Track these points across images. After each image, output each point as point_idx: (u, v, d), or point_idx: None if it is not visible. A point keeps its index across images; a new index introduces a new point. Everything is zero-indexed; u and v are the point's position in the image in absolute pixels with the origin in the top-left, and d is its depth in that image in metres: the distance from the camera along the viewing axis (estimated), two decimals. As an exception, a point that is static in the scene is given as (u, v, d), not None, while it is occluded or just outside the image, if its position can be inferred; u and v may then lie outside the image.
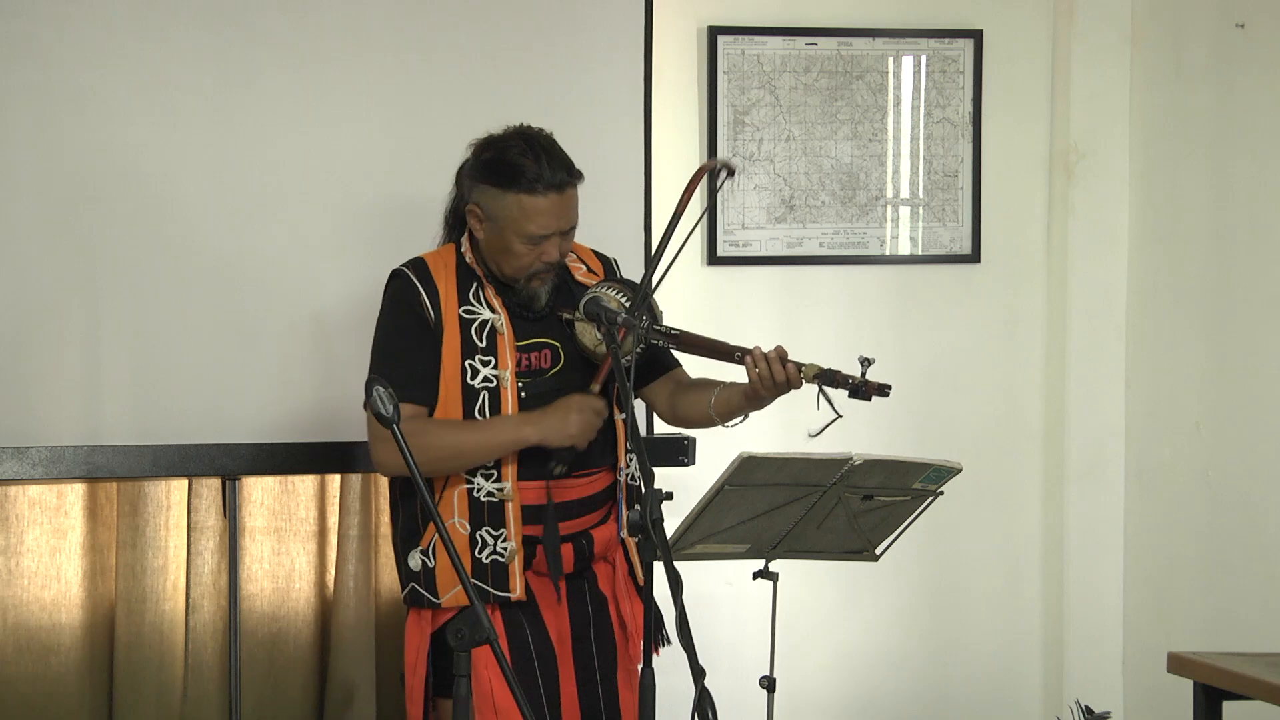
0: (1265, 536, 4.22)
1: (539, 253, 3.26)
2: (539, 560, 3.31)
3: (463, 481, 3.26)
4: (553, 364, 3.35)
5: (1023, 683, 4.80)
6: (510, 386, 3.28)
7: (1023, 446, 4.79)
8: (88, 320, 3.86)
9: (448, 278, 3.31)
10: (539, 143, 3.27)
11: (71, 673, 4.12)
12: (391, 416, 2.71)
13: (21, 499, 4.10)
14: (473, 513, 3.27)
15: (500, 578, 3.27)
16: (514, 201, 3.22)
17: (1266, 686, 3.30)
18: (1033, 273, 4.78)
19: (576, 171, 3.28)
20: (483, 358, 3.27)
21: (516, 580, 3.27)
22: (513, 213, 3.22)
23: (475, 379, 3.27)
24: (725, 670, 3.80)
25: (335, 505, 4.31)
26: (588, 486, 3.36)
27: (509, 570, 3.27)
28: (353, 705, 4.27)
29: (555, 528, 3.28)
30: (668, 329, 3.35)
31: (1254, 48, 4.28)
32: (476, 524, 3.27)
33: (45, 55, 3.83)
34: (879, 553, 3.48)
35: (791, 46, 4.55)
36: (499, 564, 3.26)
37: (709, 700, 2.86)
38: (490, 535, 3.27)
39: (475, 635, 2.61)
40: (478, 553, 3.26)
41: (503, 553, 3.27)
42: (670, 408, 3.53)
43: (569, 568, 3.34)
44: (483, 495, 3.27)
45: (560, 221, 3.25)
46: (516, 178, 3.21)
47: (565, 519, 3.33)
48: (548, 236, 3.25)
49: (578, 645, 3.35)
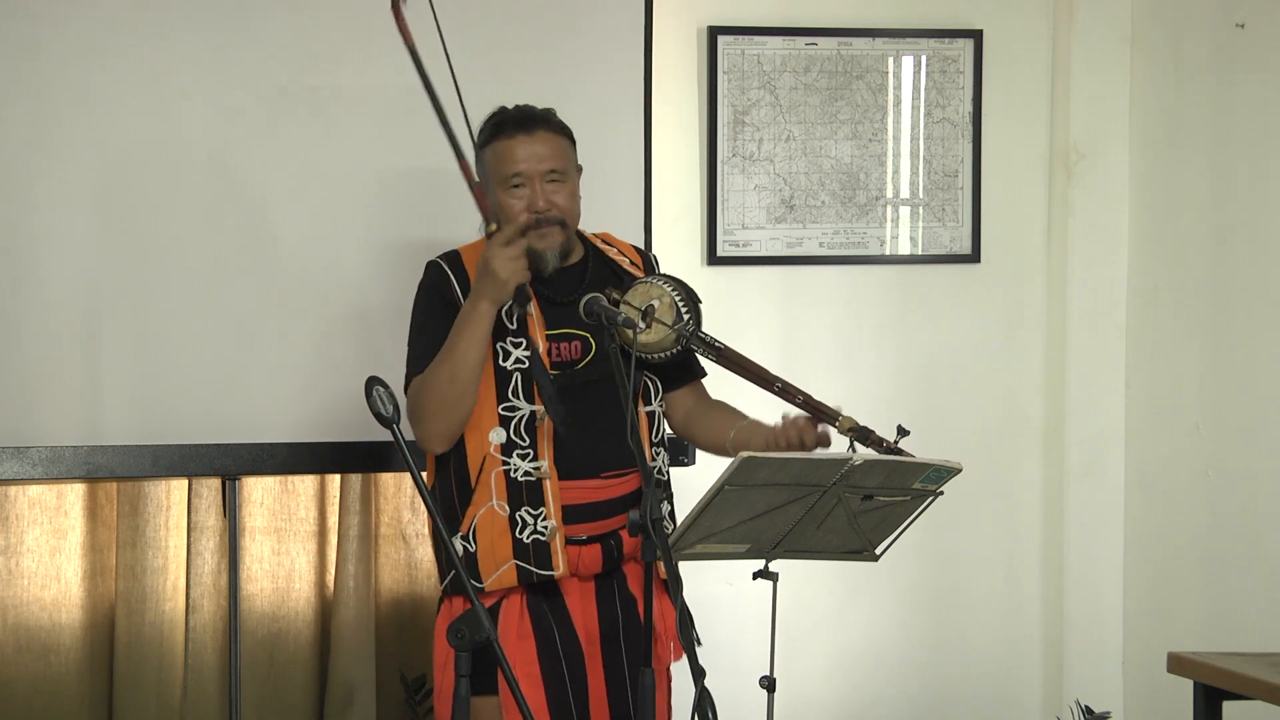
0: (1265, 536, 4.22)
1: (527, 201, 3.29)
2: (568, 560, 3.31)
3: (499, 464, 3.28)
4: (583, 355, 3.36)
5: (1023, 683, 4.79)
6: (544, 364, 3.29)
7: (1023, 446, 4.79)
8: (88, 320, 3.86)
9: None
10: (523, 105, 3.39)
11: (71, 673, 4.12)
12: (391, 416, 2.71)
13: (21, 499, 4.11)
14: (511, 494, 3.28)
15: (543, 556, 3.27)
16: (491, 153, 3.33)
17: (1266, 686, 3.30)
18: (1033, 273, 4.78)
19: (557, 122, 3.37)
20: (514, 339, 3.29)
21: (559, 558, 3.28)
22: (493, 163, 3.33)
23: (508, 361, 3.29)
24: (725, 670, 3.80)
25: (335, 505, 4.31)
26: (618, 488, 3.37)
27: (550, 548, 3.28)
28: (353, 705, 4.28)
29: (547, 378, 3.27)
30: (711, 339, 3.37)
31: (1254, 47, 4.28)
32: (515, 504, 3.28)
33: (45, 55, 3.83)
34: (879, 553, 3.48)
35: (791, 46, 4.55)
36: (540, 543, 3.27)
37: (709, 700, 2.86)
38: (530, 515, 3.28)
39: (475, 635, 2.61)
40: (518, 533, 3.27)
41: (544, 531, 3.28)
42: (685, 422, 3.54)
43: (597, 568, 3.35)
44: (520, 475, 3.28)
45: (535, 163, 3.30)
46: (493, 129, 3.35)
47: (592, 519, 3.34)
48: (526, 178, 3.29)
49: (607, 645, 3.36)
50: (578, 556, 3.33)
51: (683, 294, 3.37)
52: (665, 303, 3.35)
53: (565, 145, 3.37)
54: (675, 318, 3.33)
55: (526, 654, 3.26)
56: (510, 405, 3.29)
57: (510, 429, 3.29)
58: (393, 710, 4.36)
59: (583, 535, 3.34)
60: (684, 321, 3.33)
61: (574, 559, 3.32)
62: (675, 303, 3.34)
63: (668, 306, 3.35)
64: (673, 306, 3.33)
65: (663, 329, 3.35)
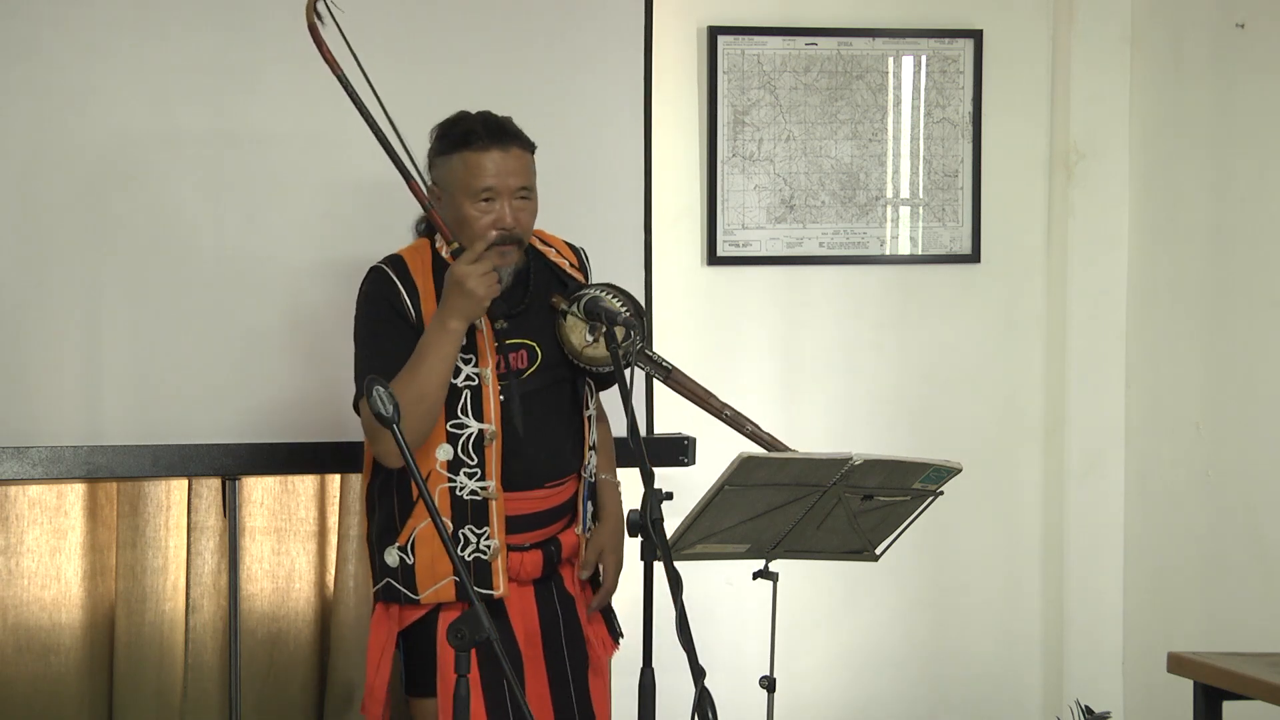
0: (1265, 536, 4.22)
1: (493, 217, 3.24)
2: (510, 566, 3.31)
3: (444, 480, 3.26)
4: (529, 364, 3.34)
5: (1023, 683, 4.80)
6: (492, 385, 3.27)
7: (1023, 446, 4.79)
8: (88, 320, 3.85)
9: (425, 275, 3.31)
10: (490, 114, 3.33)
11: (71, 673, 4.12)
12: (391, 416, 2.71)
13: (21, 499, 4.10)
14: (455, 511, 3.26)
15: (483, 575, 3.27)
16: (459, 160, 3.26)
17: (1266, 686, 3.30)
18: (1033, 273, 4.78)
19: (527, 140, 3.32)
20: (464, 356, 3.26)
21: (500, 579, 3.28)
22: (459, 172, 3.26)
23: (458, 378, 3.26)
24: (725, 670, 3.81)
25: (335, 505, 4.31)
26: (557, 496, 3.38)
27: (492, 568, 3.27)
28: (353, 705, 4.27)
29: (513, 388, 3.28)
30: (660, 359, 3.35)
31: (1254, 47, 4.28)
32: (459, 522, 3.26)
33: (45, 55, 3.83)
34: (879, 553, 3.48)
35: (791, 46, 4.55)
36: (481, 561, 3.27)
37: (709, 700, 2.86)
38: (473, 533, 3.27)
39: (475, 635, 2.61)
40: (460, 550, 3.26)
41: (485, 550, 3.27)
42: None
43: (537, 573, 3.36)
44: (465, 494, 3.27)
45: (508, 179, 3.25)
46: (461, 138, 3.28)
47: (535, 528, 3.35)
48: (496, 194, 3.24)
49: (548, 646, 3.36)
50: (520, 562, 3.33)
51: (632, 309, 3.30)
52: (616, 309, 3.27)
53: (531, 162, 3.33)
54: (625, 334, 3.23)
55: None
56: (459, 423, 3.27)
57: (458, 446, 3.26)
58: (393, 710, 4.35)
59: (525, 543, 3.34)
60: (631, 339, 3.24)
61: (516, 565, 3.32)
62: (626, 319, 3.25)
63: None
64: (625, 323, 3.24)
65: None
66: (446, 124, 3.34)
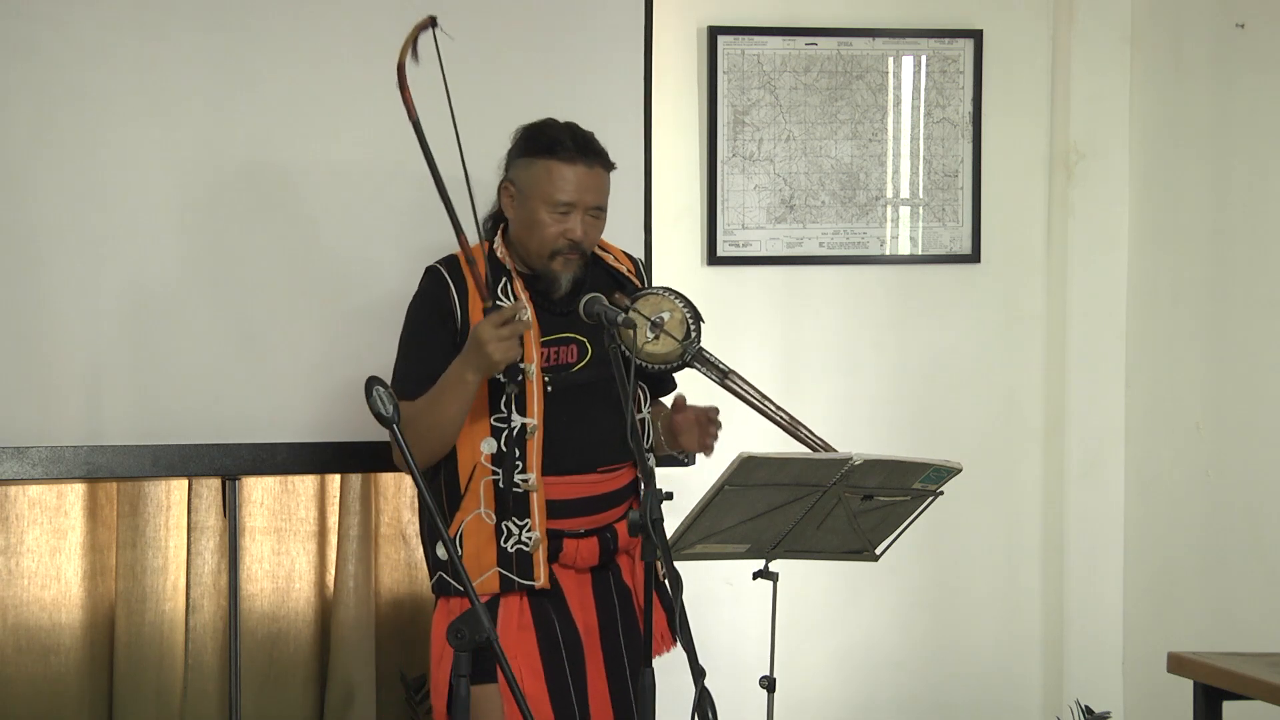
0: (1265, 536, 4.22)
1: (564, 227, 3.31)
2: (565, 553, 3.36)
3: (488, 473, 3.30)
4: (579, 358, 3.39)
5: (1023, 683, 4.79)
6: (536, 380, 3.31)
7: (1023, 446, 4.79)
8: (88, 320, 3.85)
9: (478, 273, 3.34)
10: (577, 127, 3.39)
11: (71, 673, 4.12)
12: (391, 416, 2.71)
13: (21, 499, 4.11)
14: (499, 503, 3.31)
15: (525, 566, 3.31)
16: (543, 167, 3.32)
17: (1266, 686, 3.30)
18: (1033, 273, 4.78)
19: (609, 160, 3.39)
20: None
21: (541, 569, 3.31)
22: (541, 179, 3.32)
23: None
24: (725, 670, 3.80)
25: (335, 505, 4.31)
26: (611, 482, 3.41)
27: (533, 559, 3.31)
28: (353, 705, 4.28)
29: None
30: (717, 360, 3.40)
31: (1254, 47, 4.27)
32: (502, 514, 3.31)
33: (45, 55, 3.83)
34: (879, 553, 3.48)
35: (791, 46, 4.55)
36: (523, 553, 3.30)
37: (709, 700, 2.86)
38: (515, 525, 3.30)
39: (475, 635, 2.61)
40: (503, 542, 3.30)
41: (527, 542, 3.30)
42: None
43: (594, 561, 3.40)
44: (508, 486, 3.30)
45: (586, 195, 3.32)
46: (549, 145, 3.34)
47: (589, 513, 3.38)
48: (573, 208, 3.31)
49: (605, 637, 3.40)
50: (575, 549, 3.37)
51: (692, 311, 3.42)
52: (676, 317, 3.40)
53: (609, 181, 3.40)
54: (685, 334, 3.39)
55: (527, 645, 3.29)
56: (502, 416, 3.32)
57: (501, 440, 3.31)
58: (393, 710, 4.36)
59: (580, 529, 3.37)
60: (691, 339, 3.38)
61: (571, 552, 3.36)
62: (686, 319, 3.40)
63: (678, 322, 3.41)
64: (683, 322, 3.39)
65: (671, 342, 3.37)
66: (533, 128, 3.39)
